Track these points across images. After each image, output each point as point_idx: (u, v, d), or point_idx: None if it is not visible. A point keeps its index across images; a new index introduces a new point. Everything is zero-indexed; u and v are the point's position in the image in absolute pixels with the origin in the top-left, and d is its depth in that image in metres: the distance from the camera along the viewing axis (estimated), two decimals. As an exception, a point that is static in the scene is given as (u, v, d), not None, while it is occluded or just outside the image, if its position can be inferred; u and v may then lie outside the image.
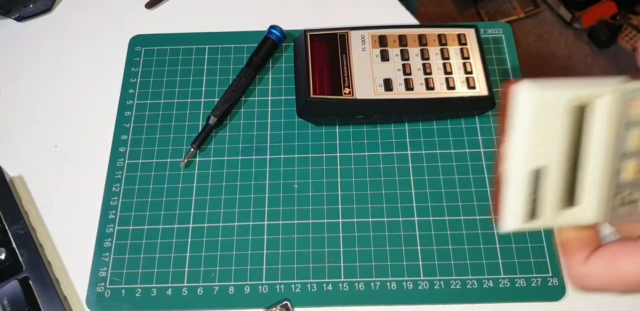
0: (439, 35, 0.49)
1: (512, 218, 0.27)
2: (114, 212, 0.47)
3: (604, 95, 0.26)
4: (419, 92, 0.47)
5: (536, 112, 0.26)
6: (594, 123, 0.26)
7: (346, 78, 0.47)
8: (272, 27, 0.53)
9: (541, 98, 0.25)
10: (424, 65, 0.48)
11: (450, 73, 0.47)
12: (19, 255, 0.44)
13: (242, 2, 0.59)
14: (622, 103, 0.26)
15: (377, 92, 0.46)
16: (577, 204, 0.27)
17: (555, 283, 0.43)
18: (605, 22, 1.26)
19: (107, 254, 0.45)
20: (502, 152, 0.27)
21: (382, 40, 0.48)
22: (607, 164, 0.27)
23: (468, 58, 0.48)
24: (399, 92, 0.46)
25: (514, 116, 0.26)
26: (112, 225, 0.46)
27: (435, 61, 0.48)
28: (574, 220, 0.28)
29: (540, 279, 0.43)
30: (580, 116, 0.26)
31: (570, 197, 0.27)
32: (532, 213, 0.27)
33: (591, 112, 0.26)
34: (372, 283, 0.44)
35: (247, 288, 0.44)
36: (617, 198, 0.27)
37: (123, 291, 0.44)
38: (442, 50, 0.48)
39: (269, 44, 0.53)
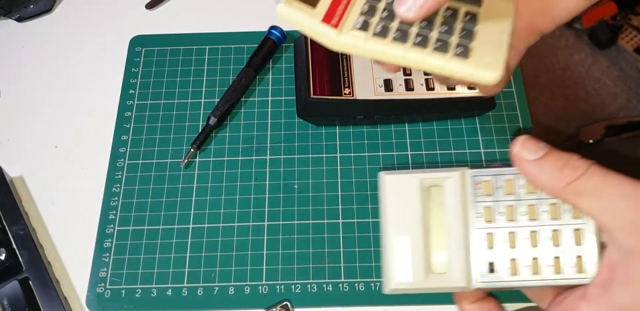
0: (439, 36, 0.49)
1: (390, 279, 0.31)
2: (114, 212, 0.47)
3: (450, 179, 0.32)
4: (419, 92, 0.47)
5: (393, 193, 0.32)
6: (449, 201, 0.32)
7: (346, 78, 0.47)
8: (273, 27, 0.53)
9: (396, 182, 0.32)
10: (424, 65, 0.47)
11: (451, 73, 0.47)
12: (19, 256, 0.44)
13: (242, 2, 0.58)
14: (469, 184, 0.32)
15: (377, 93, 0.46)
16: (446, 270, 0.32)
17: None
18: (605, 23, 1.26)
19: (107, 254, 0.45)
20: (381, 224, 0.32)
21: (382, 41, 0.48)
22: (466, 236, 0.32)
23: (468, 58, 0.48)
24: (399, 93, 0.46)
25: (381, 196, 0.33)
26: (112, 226, 0.46)
27: (436, 61, 0.48)
28: (445, 284, 0.32)
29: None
30: (435, 196, 0.33)
31: (438, 263, 0.32)
32: (405, 275, 0.31)
33: (445, 193, 0.33)
34: (373, 284, 0.44)
35: (247, 288, 0.44)
36: (484, 265, 0.31)
37: (123, 291, 0.44)
38: (442, 50, 0.48)
39: (269, 45, 0.53)
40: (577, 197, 0.28)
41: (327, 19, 0.30)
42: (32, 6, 0.58)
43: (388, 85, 0.46)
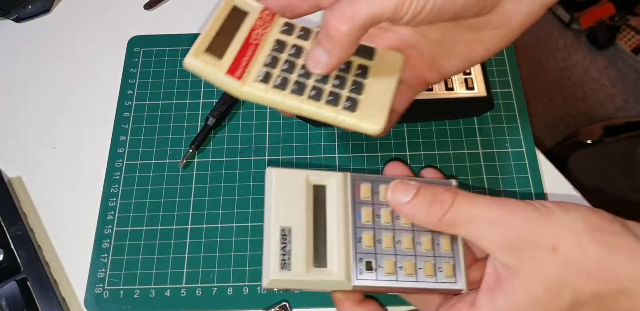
0: (438, 36, 0.49)
1: (269, 269, 0.31)
2: (113, 212, 0.47)
3: (333, 178, 0.35)
4: (418, 93, 0.47)
5: (278, 184, 0.33)
6: (331, 200, 0.34)
7: (345, 79, 0.46)
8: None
9: (283, 176, 0.34)
10: (422, 66, 0.48)
11: (449, 74, 0.47)
12: (17, 256, 0.44)
13: (241, 3, 0.58)
14: (350, 187, 0.34)
15: (375, 93, 0.46)
16: (326, 265, 0.33)
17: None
18: (603, 23, 1.26)
19: (106, 255, 0.45)
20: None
21: (381, 41, 0.48)
22: (346, 233, 0.33)
23: (466, 59, 0.48)
24: (397, 93, 0.46)
25: (267, 189, 0.34)
26: (110, 226, 0.46)
27: (434, 62, 0.48)
28: (324, 279, 0.32)
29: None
30: (319, 193, 0.34)
31: (319, 258, 0.33)
32: (285, 266, 0.31)
33: (327, 192, 0.34)
34: (371, 284, 0.44)
35: (245, 289, 0.44)
36: (362, 263, 0.33)
37: (121, 292, 0.44)
38: (440, 51, 0.48)
39: (267, 45, 0.53)
40: (453, 227, 0.31)
41: (232, 70, 0.33)
42: (30, 6, 0.58)
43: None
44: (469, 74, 0.47)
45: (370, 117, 0.33)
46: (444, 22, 0.32)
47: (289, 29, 0.35)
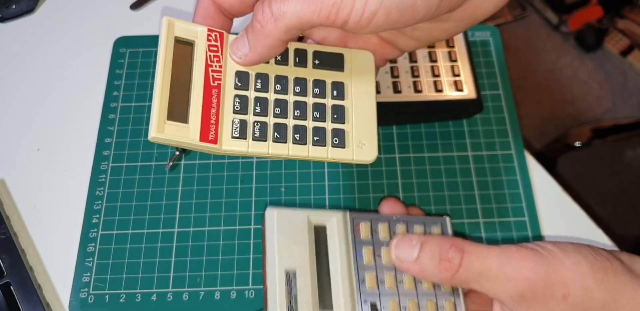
0: (427, 38, 0.49)
1: None
2: (98, 216, 0.46)
3: (333, 218, 0.35)
4: (407, 94, 0.46)
5: (279, 227, 0.34)
6: (333, 241, 0.35)
7: (333, 80, 0.46)
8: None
9: (282, 216, 0.34)
10: (411, 67, 0.47)
11: (438, 76, 0.47)
12: (0, 261, 0.43)
13: (229, 3, 0.58)
14: (349, 226, 0.35)
15: (364, 95, 0.46)
16: (332, 308, 0.33)
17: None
18: (592, 26, 1.27)
19: (91, 259, 0.45)
20: (265, 261, 0.33)
21: (370, 43, 0.48)
22: (350, 274, 0.34)
23: (456, 61, 0.48)
24: (386, 95, 0.46)
25: (266, 230, 0.34)
26: (95, 230, 0.46)
27: (423, 64, 0.48)
28: None
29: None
30: (320, 234, 0.35)
31: (324, 300, 0.33)
32: (292, 310, 0.32)
33: (328, 233, 0.35)
34: (360, 288, 0.43)
35: (233, 293, 0.43)
36: (367, 304, 0.33)
37: (107, 296, 0.43)
38: (429, 53, 0.48)
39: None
40: (465, 283, 0.31)
41: (204, 135, 0.31)
42: (14, 6, 0.57)
43: (376, 87, 0.46)
44: (459, 75, 0.47)
45: (361, 149, 0.33)
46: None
47: None
